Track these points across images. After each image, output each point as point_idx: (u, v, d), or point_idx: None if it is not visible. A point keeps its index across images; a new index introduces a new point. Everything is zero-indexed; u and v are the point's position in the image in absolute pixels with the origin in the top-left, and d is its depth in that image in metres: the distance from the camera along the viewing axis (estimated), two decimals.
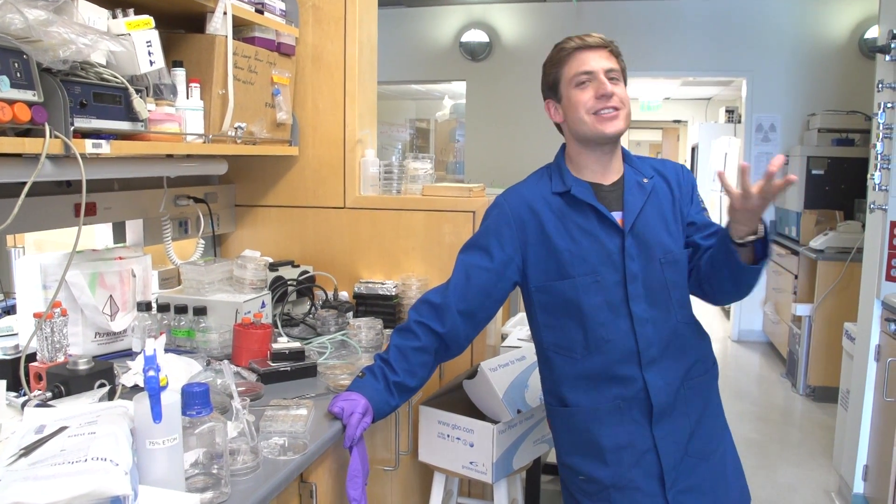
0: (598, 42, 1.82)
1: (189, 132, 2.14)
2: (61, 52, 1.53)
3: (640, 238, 1.82)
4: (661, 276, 1.83)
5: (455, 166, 9.27)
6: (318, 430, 1.72)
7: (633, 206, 1.84)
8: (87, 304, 2.12)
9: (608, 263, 1.82)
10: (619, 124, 1.79)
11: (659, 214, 1.86)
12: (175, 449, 1.25)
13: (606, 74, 1.79)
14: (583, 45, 1.82)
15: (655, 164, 1.94)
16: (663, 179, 1.90)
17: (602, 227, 1.83)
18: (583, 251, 1.83)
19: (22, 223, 1.88)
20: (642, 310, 1.81)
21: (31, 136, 1.55)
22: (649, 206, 1.85)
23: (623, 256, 1.81)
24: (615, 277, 1.82)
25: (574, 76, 1.81)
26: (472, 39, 7.04)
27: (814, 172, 5.83)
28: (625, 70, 1.86)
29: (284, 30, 2.61)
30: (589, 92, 1.79)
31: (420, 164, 2.91)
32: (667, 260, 1.83)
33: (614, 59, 1.83)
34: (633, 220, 1.82)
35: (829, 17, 6.40)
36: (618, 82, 1.81)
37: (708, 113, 11.63)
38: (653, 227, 1.84)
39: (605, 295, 1.82)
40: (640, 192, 1.85)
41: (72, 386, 1.64)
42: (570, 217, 1.85)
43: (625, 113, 1.81)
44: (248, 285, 2.41)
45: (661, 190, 1.89)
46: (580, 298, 1.83)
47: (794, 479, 4.00)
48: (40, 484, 1.00)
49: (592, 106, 1.79)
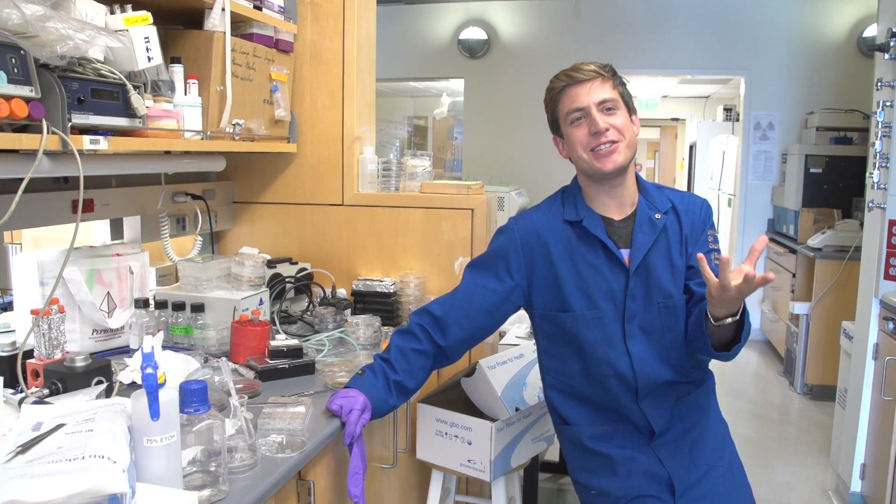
0: (588, 75, 1.76)
1: (187, 129, 2.13)
2: (59, 47, 1.53)
3: (643, 279, 1.81)
4: (658, 319, 1.82)
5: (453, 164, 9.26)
6: (316, 427, 1.71)
7: (641, 245, 1.81)
8: (84, 301, 2.12)
9: (610, 300, 1.82)
10: (616, 158, 1.75)
11: (665, 255, 1.83)
12: (173, 446, 1.25)
13: (600, 107, 1.75)
14: (571, 82, 1.77)
15: (674, 198, 1.89)
16: (675, 216, 1.86)
17: (609, 263, 1.82)
18: (586, 285, 1.83)
19: (19, 219, 1.88)
20: (640, 349, 1.82)
21: (28, 132, 1.54)
22: (657, 246, 1.82)
23: (625, 296, 1.81)
24: (615, 315, 1.82)
25: (567, 114, 1.79)
26: (470, 37, 7.03)
27: (812, 171, 5.83)
28: (624, 94, 1.80)
29: (283, 26, 2.60)
30: (584, 129, 1.77)
31: (418, 162, 2.90)
32: (665, 305, 1.81)
33: (609, 87, 1.77)
34: (640, 260, 1.81)
35: (828, 15, 6.40)
36: (614, 112, 1.76)
37: (706, 111, 11.63)
38: (657, 269, 1.81)
39: (605, 331, 1.82)
40: (651, 231, 1.82)
41: (69, 383, 1.63)
42: (578, 249, 1.84)
43: (625, 143, 1.76)
44: (246, 282, 2.41)
45: (672, 228, 1.85)
46: (580, 332, 1.84)
47: (791, 477, 4.00)
48: (37, 482, 0.99)
49: (588, 143, 1.76)
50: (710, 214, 1.90)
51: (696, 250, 1.83)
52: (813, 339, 5.23)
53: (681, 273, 1.83)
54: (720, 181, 8.26)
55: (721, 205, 8.11)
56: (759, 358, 6.41)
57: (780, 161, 6.58)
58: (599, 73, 1.76)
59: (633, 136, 1.79)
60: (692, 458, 1.87)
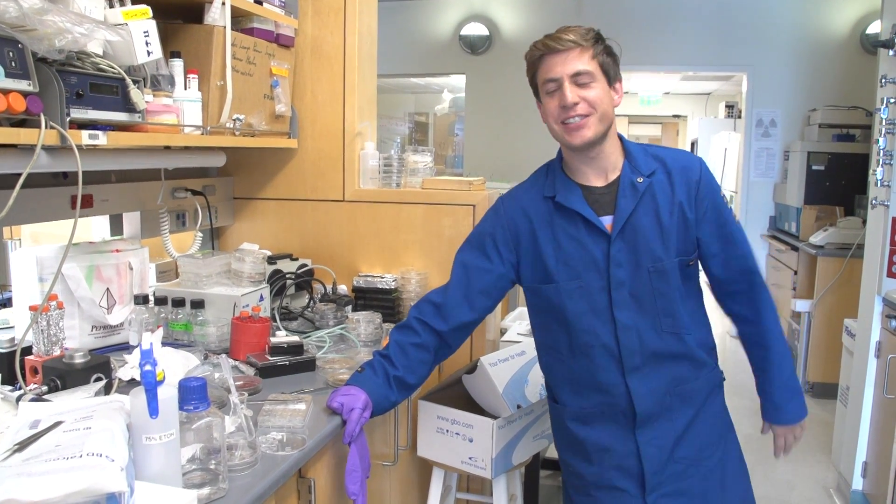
0: (566, 45, 1.71)
1: (187, 124, 2.11)
2: (57, 41, 1.51)
3: (629, 244, 1.77)
4: (649, 284, 1.78)
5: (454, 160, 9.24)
6: (316, 425, 1.70)
7: (623, 210, 1.77)
8: (83, 297, 2.10)
9: (593, 269, 1.79)
10: (585, 133, 1.71)
11: (653, 218, 1.78)
12: (172, 444, 1.23)
13: (573, 79, 1.70)
14: (547, 52, 1.73)
15: (664, 156, 1.83)
16: (667, 177, 1.80)
17: (588, 232, 1.79)
18: (567, 257, 1.81)
19: (18, 215, 1.86)
20: (627, 317, 1.78)
21: (26, 126, 1.53)
22: (642, 208, 1.78)
23: (608, 263, 1.77)
24: (600, 283, 1.79)
25: (543, 83, 1.76)
26: (471, 33, 7.01)
27: (814, 168, 5.82)
28: (605, 63, 1.74)
29: (283, 21, 2.58)
30: (556, 100, 1.73)
31: (420, 158, 2.89)
32: (655, 268, 1.77)
33: (587, 57, 1.71)
34: (622, 225, 1.77)
35: (831, 11, 6.37)
36: (588, 85, 1.71)
37: (707, 108, 11.62)
38: (644, 233, 1.77)
39: (589, 301, 1.80)
40: (633, 195, 1.78)
41: (68, 380, 1.63)
42: (557, 222, 1.82)
43: (597, 117, 1.71)
44: (247, 278, 2.39)
45: (661, 188, 1.79)
46: (564, 303, 1.82)
47: (792, 475, 3.99)
48: (34, 481, 0.98)
49: (559, 115, 1.73)
50: (709, 179, 1.83)
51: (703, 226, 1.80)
52: (814, 336, 5.22)
53: (673, 233, 1.78)
54: (722, 178, 8.24)
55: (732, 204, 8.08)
56: None
57: (783, 158, 6.56)
58: (578, 43, 1.71)
59: (608, 108, 1.74)
60: (674, 453, 1.84)
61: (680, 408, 1.84)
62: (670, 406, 1.83)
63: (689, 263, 1.82)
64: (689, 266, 1.82)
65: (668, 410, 1.83)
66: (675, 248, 1.79)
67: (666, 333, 1.80)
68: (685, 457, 1.85)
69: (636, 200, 1.77)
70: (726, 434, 1.97)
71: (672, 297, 1.80)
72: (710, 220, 1.81)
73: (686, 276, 1.82)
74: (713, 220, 1.81)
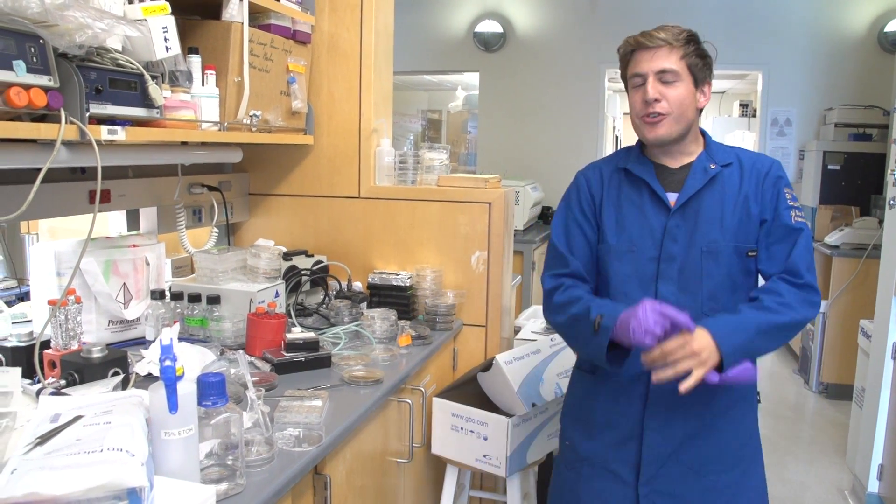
0: (656, 42, 1.77)
1: (204, 119, 2.12)
2: (77, 36, 1.52)
3: (688, 222, 1.81)
4: (699, 263, 1.80)
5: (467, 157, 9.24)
6: (332, 421, 1.70)
7: (689, 188, 1.82)
8: (100, 292, 2.11)
9: (648, 238, 1.83)
10: (659, 131, 1.78)
11: (718, 203, 1.81)
12: (191, 440, 1.24)
13: (659, 76, 1.76)
14: (637, 46, 1.80)
15: (741, 155, 1.88)
16: (740, 170, 1.84)
17: (652, 203, 1.84)
18: (625, 221, 1.86)
19: (36, 210, 1.87)
20: (669, 292, 1.80)
21: (46, 121, 1.53)
22: (708, 192, 1.82)
23: (664, 235, 1.81)
24: (651, 253, 1.82)
25: (630, 78, 1.83)
26: (485, 30, 6.99)
27: (830, 168, 5.79)
28: (693, 65, 1.78)
29: (300, 17, 2.58)
30: (639, 94, 1.80)
31: (435, 155, 2.88)
32: (708, 249, 1.79)
33: (675, 57, 1.77)
34: (685, 201, 1.81)
35: (848, 9, 6.32)
36: (672, 84, 1.76)
37: (721, 107, 11.56)
38: (705, 214, 1.80)
39: (636, 267, 1.83)
40: (703, 177, 1.82)
41: (86, 374, 1.63)
42: (624, 190, 1.89)
43: (672, 118, 1.77)
44: (262, 274, 2.39)
45: (731, 180, 1.83)
46: (611, 263, 1.86)
47: (806, 476, 3.97)
48: (56, 474, 0.98)
49: (640, 110, 1.80)
50: (781, 174, 1.85)
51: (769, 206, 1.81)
52: (829, 337, 5.20)
53: (735, 224, 1.80)
54: None
55: None
56: (773, 356, 6.37)
57: (798, 157, 6.52)
58: (668, 42, 1.77)
59: (687, 109, 1.79)
60: (678, 454, 1.81)
61: (696, 405, 1.80)
62: (688, 399, 1.75)
63: (748, 253, 1.81)
64: (746, 256, 1.81)
65: (682, 402, 1.77)
66: (734, 235, 1.80)
67: (706, 317, 1.75)
68: (689, 462, 1.82)
69: (704, 182, 1.82)
70: (749, 461, 1.90)
71: (721, 281, 1.80)
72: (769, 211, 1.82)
73: (742, 267, 1.81)
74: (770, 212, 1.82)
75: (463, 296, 2.72)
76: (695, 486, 1.83)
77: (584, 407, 1.94)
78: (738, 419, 1.88)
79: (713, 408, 1.84)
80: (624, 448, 1.85)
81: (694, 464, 1.83)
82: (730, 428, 1.86)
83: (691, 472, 1.83)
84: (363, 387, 1.96)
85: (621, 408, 1.85)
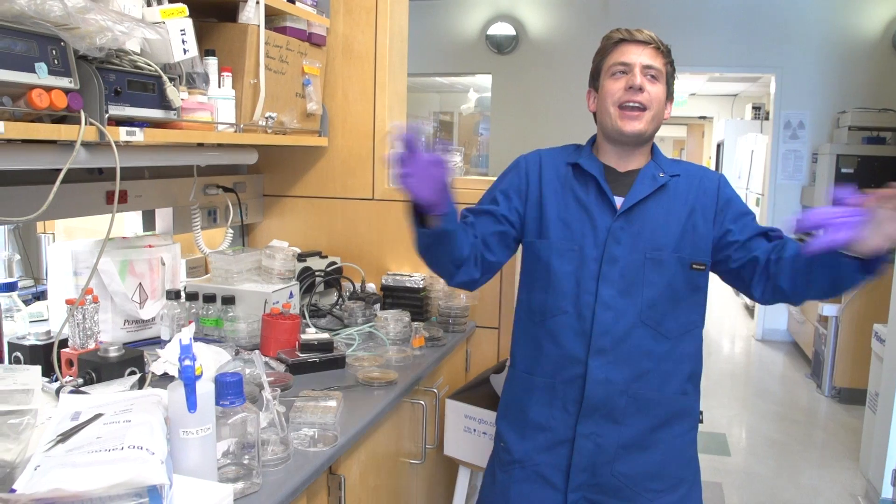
0: (645, 38, 1.78)
1: (220, 121, 2.13)
2: (98, 39, 1.53)
3: (633, 226, 1.77)
4: (641, 270, 1.76)
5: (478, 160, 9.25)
6: (347, 421, 1.71)
7: (637, 192, 1.78)
8: (116, 292, 2.13)
9: (591, 238, 1.78)
10: (638, 125, 1.75)
11: (664, 212, 1.78)
12: (208, 438, 1.25)
13: (644, 70, 1.75)
14: (628, 38, 1.79)
15: (689, 168, 1.87)
16: (690, 183, 1.82)
17: (598, 203, 1.79)
18: (570, 218, 1.81)
19: (54, 210, 1.88)
20: (609, 295, 1.75)
21: (66, 122, 1.55)
22: (655, 200, 1.78)
23: (607, 236, 1.77)
24: (594, 254, 1.77)
25: (611, 66, 1.79)
26: (498, 32, 7.01)
27: (843, 171, 5.78)
28: (670, 73, 1.80)
29: (316, 20, 2.60)
30: (621, 83, 1.76)
31: (448, 158, 2.88)
32: (651, 256, 1.76)
33: (659, 59, 1.77)
34: (632, 205, 1.77)
35: (862, 11, 6.31)
36: (655, 81, 1.76)
37: (734, 109, 11.53)
38: (651, 221, 1.77)
39: (578, 266, 1.78)
40: (651, 184, 1.79)
41: (103, 373, 1.65)
42: (572, 186, 1.84)
43: (651, 114, 1.75)
44: (277, 275, 2.41)
45: (677, 191, 1.81)
46: (552, 261, 1.80)
47: (818, 481, 3.96)
48: (79, 471, 1.00)
49: (620, 98, 1.75)
50: (726, 189, 1.84)
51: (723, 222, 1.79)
52: (842, 341, 5.18)
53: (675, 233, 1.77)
54: (748, 180, 8.19)
55: (749, 204, 8.03)
56: (785, 359, 6.36)
57: (811, 161, 6.51)
58: (656, 43, 1.78)
59: (661, 113, 1.79)
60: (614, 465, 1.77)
61: (633, 415, 1.76)
62: (623, 408, 1.75)
63: (693, 266, 1.78)
64: (691, 269, 1.77)
65: (618, 411, 1.75)
66: (678, 246, 1.77)
67: (645, 325, 1.76)
68: (623, 476, 1.78)
69: (652, 189, 1.78)
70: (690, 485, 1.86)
71: (662, 291, 1.76)
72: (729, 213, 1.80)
73: (686, 279, 1.78)
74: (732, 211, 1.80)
75: (476, 298, 2.73)
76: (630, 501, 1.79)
77: (518, 407, 1.89)
78: (678, 436, 1.83)
79: (652, 420, 1.78)
80: (555, 452, 1.81)
81: (629, 479, 1.78)
82: (669, 445, 1.81)
83: (626, 488, 1.78)
84: (377, 388, 1.97)
85: (555, 411, 1.80)
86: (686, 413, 1.84)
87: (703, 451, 4.28)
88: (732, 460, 4.24)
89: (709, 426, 4.68)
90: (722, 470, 4.07)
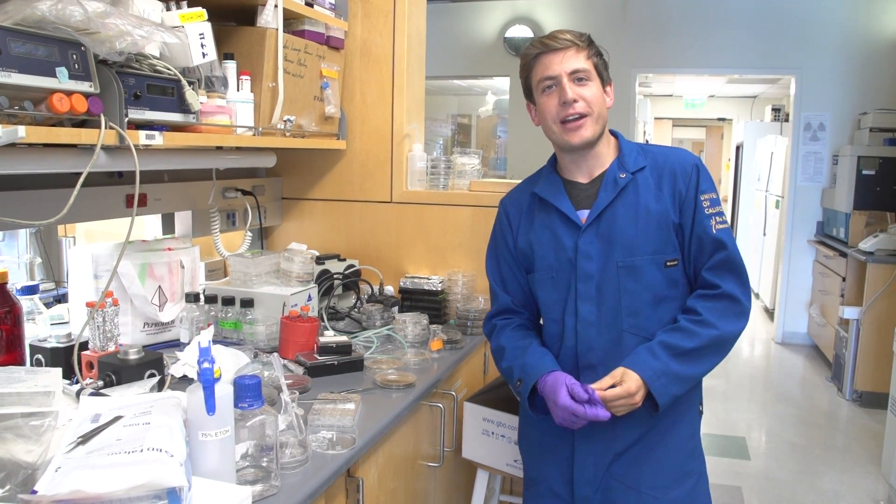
0: (563, 43, 1.72)
1: (239, 125, 2.14)
2: (118, 43, 1.54)
3: (602, 237, 1.76)
4: (616, 280, 1.75)
5: (496, 162, 9.25)
6: (365, 424, 1.71)
7: (600, 202, 1.76)
8: (136, 295, 2.14)
9: (565, 261, 1.79)
10: (584, 132, 1.72)
11: (631, 212, 1.75)
12: (227, 441, 1.25)
13: (571, 77, 1.71)
14: (545, 50, 1.73)
15: (657, 154, 1.81)
16: (655, 173, 1.78)
17: (562, 224, 1.80)
18: (543, 248, 1.83)
19: (75, 213, 1.90)
20: (588, 311, 1.76)
21: (86, 126, 1.56)
22: (621, 203, 1.76)
23: (576, 254, 1.77)
24: (570, 276, 1.79)
25: (539, 82, 1.76)
26: (516, 35, 7.00)
27: (864, 173, 5.72)
28: (598, 64, 1.76)
29: (334, 23, 2.60)
30: (553, 98, 1.73)
31: (467, 160, 2.89)
32: (625, 264, 1.74)
33: (583, 57, 1.72)
34: (595, 217, 1.76)
35: (883, 11, 6.24)
36: (585, 82, 1.72)
37: (753, 111, 11.45)
38: (619, 228, 1.74)
39: (559, 292, 1.81)
40: (613, 189, 1.76)
41: (123, 375, 1.66)
42: (538, 214, 1.86)
43: (593, 118, 1.72)
44: (295, 278, 2.41)
45: (645, 186, 1.77)
46: (538, 293, 1.87)
47: (839, 485, 3.92)
48: (98, 473, 1.00)
49: (557, 114, 1.73)
50: (702, 177, 1.78)
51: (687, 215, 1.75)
52: (863, 344, 5.12)
53: (648, 232, 1.74)
54: (768, 182, 8.13)
55: (769, 206, 7.98)
56: (805, 363, 6.30)
57: (831, 162, 6.45)
58: (574, 43, 1.73)
59: (603, 109, 1.76)
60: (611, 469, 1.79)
61: (626, 420, 1.75)
62: (614, 418, 1.70)
63: (668, 264, 1.75)
64: (666, 267, 1.75)
65: (612, 421, 1.70)
66: (651, 246, 1.74)
67: (628, 334, 1.75)
68: (626, 479, 1.79)
69: (615, 194, 1.76)
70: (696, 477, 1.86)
71: (641, 297, 1.75)
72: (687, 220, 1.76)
73: (664, 279, 1.76)
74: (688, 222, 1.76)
75: None
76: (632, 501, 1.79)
77: (530, 428, 1.95)
78: (677, 430, 1.83)
79: (649, 422, 1.78)
80: (561, 467, 1.86)
81: (633, 481, 1.79)
82: (668, 440, 1.81)
83: (631, 491, 1.79)
84: (395, 391, 1.97)
85: (556, 429, 1.81)
86: (684, 406, 1.83)
87: (723, 454, 4.26)
88: (752, 464, 4.20)
89: (728, 430, 4.65)
90: (742, 474, 4.04)
